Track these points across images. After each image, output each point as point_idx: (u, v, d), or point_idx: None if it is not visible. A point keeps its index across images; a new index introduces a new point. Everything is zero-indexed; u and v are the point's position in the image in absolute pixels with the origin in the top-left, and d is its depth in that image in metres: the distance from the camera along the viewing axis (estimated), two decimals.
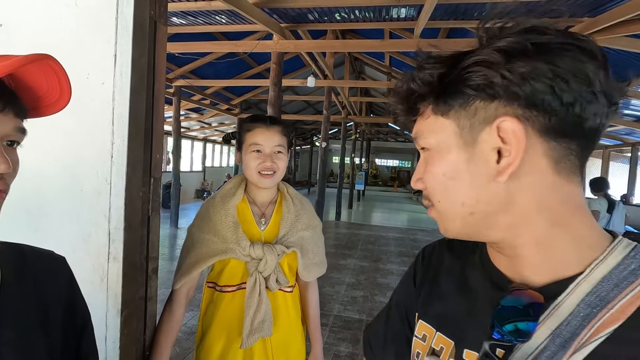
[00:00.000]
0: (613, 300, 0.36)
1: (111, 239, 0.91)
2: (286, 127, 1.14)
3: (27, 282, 0.55)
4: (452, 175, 0.42)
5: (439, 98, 0.42)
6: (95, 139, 0.90)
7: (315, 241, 1.20)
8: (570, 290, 0.38)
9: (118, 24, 0.90)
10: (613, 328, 0.35)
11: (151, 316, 1.05)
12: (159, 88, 1.01)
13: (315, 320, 1.25)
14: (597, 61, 0.37)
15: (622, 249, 0.38)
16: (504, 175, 0.38)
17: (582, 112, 0.36)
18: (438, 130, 0.43)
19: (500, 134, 0.38)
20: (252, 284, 1.05)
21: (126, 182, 0.91)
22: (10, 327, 0.49)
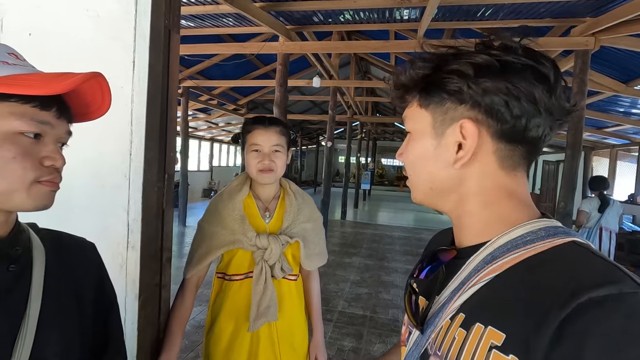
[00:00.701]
0: (499, 258, 0.45)
1: (130, 229, 1.00)
2: (285, 127, 1.21)
3: (65, 264, 0.64)
4: (422, 156, 0.52)
5: (422, 93, 0.51)
6: (116, 139, 0.99)
7: (317, 233, 1.28)
8: (478, 252, 0.48)
9: (136, 33, 0.99)
10: (490, 277, 0.45)
11: (165, 301, 1.13)
12: (172, 91, 1.09)
13: (316, 308, 1.33)
14: (548, 84, 0.45)
15: (529, 227, 0.46)
16: (458, 163, 0.48)
17: (527, 124, 0.45)
18: (418, 119, 0.52)
19: (462, 131, 0.47)
20: (259, 272, 1.13)
21: (143, 178, 0.99)
22: (53, 300, 0.58)
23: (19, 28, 1.05)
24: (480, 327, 0.43)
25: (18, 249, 0.56)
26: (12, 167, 0.49)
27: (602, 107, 6.37)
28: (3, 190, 0.50)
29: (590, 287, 0.36)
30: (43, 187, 0.53)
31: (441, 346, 0.48)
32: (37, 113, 0.51)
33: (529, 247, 0.44)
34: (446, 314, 0.48)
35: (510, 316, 0.41)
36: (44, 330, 0.55)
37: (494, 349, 0.40)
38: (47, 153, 0.53)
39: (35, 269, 0.58)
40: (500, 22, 3.63)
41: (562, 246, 0.43)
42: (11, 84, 0.48)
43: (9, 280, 0.54)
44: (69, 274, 0.63)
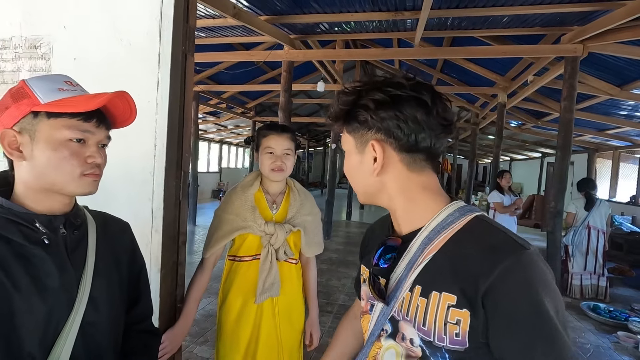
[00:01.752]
0: (434, 239, 0.61)
1: (154, 216, 1.24)
2: (294, 134, 1.45)
3: (108, 235, 0.87)
4: (353, 169, 0.69)
5: (345, 123, 0.68)
6: (143, 143, 1.24)
7: (315, 225, 1.51)
8: (417, 237, 0.63)
9: (160, 59, 1.23)
10: (432, 255, 0.60)
11: (180, 276, 1.37)
12: (188, 104, 1.34)
13: (313, 291, 1.56)
14: (426, 108, 0.61)
15: (447, 211, 0.62)
16: (375, 172, 0.65)
17: (416, 138, 0.61)
18: (346, 141, 0.69)
19: (373, 149, 0.63)
20: (265, 254, 1.36)
21: (165, 174, 1.23)
22: (101, 259, 0.80)
23: (66, 53, 1.31)
24: (436, 294, 0.57)
25: (79, 220, 0.78)
26: (65, 165, 0.68)
27: (603, 109, 6.48)
28: (61, 181, 0.69)
29: (501, 260, 0.53)
30: (88, 178, 0.71)
31: (408, 312, 0.61)
32: (81, 124, 0.69)
33: (452, 227, 0.60)
34: (404, 288, 0.61)
35: (455, 282, 0.56)
36: (96, 278, 0.77)
37: (451, 307, 0.55)
38: (90, 153, 0.71)
39: (90, 236, 0.80)
40: (495, 30, 3.82)
41: (470, 222, 0.60)
42: (62, 105, 0.67)
43: (74, 241, 0.76)
44: (111, 242, 0.86)
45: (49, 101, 0.67)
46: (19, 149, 0.68)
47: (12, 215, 0.67)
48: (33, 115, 0.67)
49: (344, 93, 0.66)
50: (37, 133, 0.67)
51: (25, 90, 0.68)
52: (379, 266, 0.66)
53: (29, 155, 0.68)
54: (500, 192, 4.77)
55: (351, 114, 0.65)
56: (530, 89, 5.41)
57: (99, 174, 0.75)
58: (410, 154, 0.63)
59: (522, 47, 3.91)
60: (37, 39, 1.33)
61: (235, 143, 15.97)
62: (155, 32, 1.23)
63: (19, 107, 0.67)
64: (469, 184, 9.46)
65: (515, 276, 0.52)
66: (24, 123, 0.68)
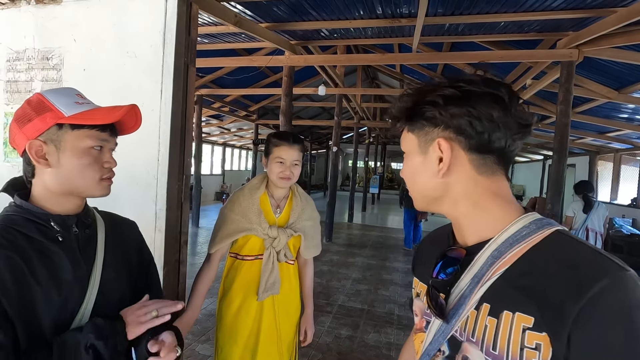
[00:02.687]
0: (506, 253, 0.54)
1: (157, 216, 1.33)
2: (303, 144, 1.53)
3: (117, 234, 0.95)
4: (414, 171, 0.63)
5: (408, 121, 0.62)
6: (147, 149, 1.32)
7: (315, 229, 1.60)
8: (484, 249, 0.56)
9: (163, 70, 1.32)
10: (503, 270, 0.53)
11: (182, 274, 1.46)
12: (189, 112, 1.42)
13: (309, 290, 1.65)
14: (504, 104, 0.55)
15: (522, 222, 0.56)
16: (440, 173, 0.59)
17: (489, 137, 0.55)
18: (408, 141, 0.63)
19: (439, 148, 0.58)
20: (268, 256, 1.45)
21: (168, 178, 1.32)
22: (110, 254, 0.88)
23: (76, 65, 1.40)
24: (509, 314, 0.50)
25: (89, 219, 0.87)
26: (89, 170, 0.77)
27: (603, 112, 6.50)
28: (84, 185, 0.79)
29: (593, 282, 0.45)
30: (105, 182, 0.81)
31: (473, 333, 0.54)
32: (99, 134, 0.78)
33: (527, 240, 0.53)
34: (469, 305, 0.55)
35: (532, 303, 0.49)
36: (106, 272, 0.85)
37: (527, 330, 0.48)
38: (107, 159, 0.81)
39: (99, 234, 0.89)
40: (493, 35, 3.89)
41: (551, 236, 0.53)
42: (84, 118, 0.76)
43: (85, 238, 0.84)
44: (119, 239, 0.94)
45: (72, 114, 0.75)
46: (45, 157, 0.76)
47: (30, 215, 0.75)
48: (58, 127, 0.75)
49: (408, 94, 0.62)
50: (62, 143, 0.76)
51: (46, 104, 0.76)
52: (439, 279, 0.60)
53: (54, 163, 0.76)
54: None
55: (416, 111, 0.60)
56: (528, 93, 5.46)
57: (112, 177, 0.84)
58: (482, 154, 0.57)
59: (520, 51, 3.97)
60: (49, 51, 1.43)
61: (239, 146, 16.07)
62: (159, 45, 1.32)
63: (44, 119, 0.75)
64: None
65: (612, 302, 0.45)
66: (50, 134, 0.76)
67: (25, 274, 0.70)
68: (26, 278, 0.70)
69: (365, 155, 14.21)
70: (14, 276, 0.68)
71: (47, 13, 1.41)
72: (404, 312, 3.83)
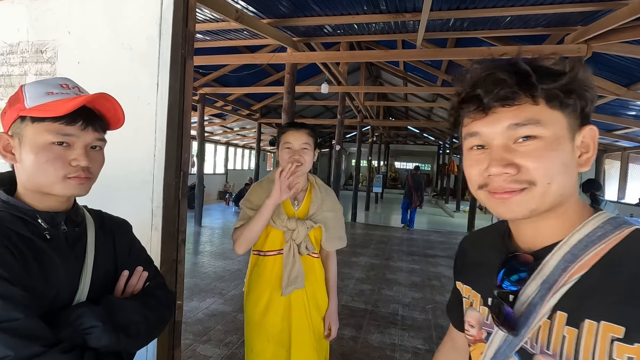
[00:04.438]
0: (582, 256, 0.48)
1: (153, 214, 1.28)
2: (312, 130, 1.49)
3: (107, 233, 0.90)
4: (566, 162, 0.49)
5: (561, 95, 0.48)
6: (143, 144, 1.28)
7: (337, 221, 1.55)
8: (553, 252, 0.51)
9: (160, 62, 1.27)
10: (579, 275, 0.48)
11: (180, 274, 1.41)
12: (187, 106, 1.38)
13: (332, 284, 1.59)
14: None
15: (595, 222, 0.50)
16: (584, 167, 0.50)
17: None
18: (554, 122, 0.48)
19: (583, 138, 0.50)
20: (288, 248, 1.41)
21: (164, 174, 1.27)
22: (100, 253, 0.84)
23: (70, 58, 1.36)
24: (592, 323, 0.45)
25: (79, 217, 0.82)
26: (47, 168, 0.69)
27: (611, 110, 6.40)
28: (45, 183, 0.71)
29: None
30: (72, 181, 0.71)
31: (549, 345, 0.49)
32: (62, 128, 0.69)
33: (605, 242, 0.48)
34: (541, 314, 0.49)
35: (621, 310, 0.43)
36: (96, 270, 0.80)
37: (616, 342, 0.42)
38: (75, 156, 0.71)
39: (89, 233, 0.84)
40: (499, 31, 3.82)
41: (633, 235, 0.48)
42: (43, 109, 0.68)
43: (75, 237, 0.80)
44: (110, 239, 0.90)
45: (33, 105, 0.69)
46: (12, 151, 0.71)
47: (17, 211, 0.71)
48: (21, 119, 0.70)
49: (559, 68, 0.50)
50: (23, 137, 0.70)
51: (19, 94, 0.71)
52: (504, 289, 0.54)
53: (19, 158, 0.71)
54: None
55: (576, 89, 0.49)
56: None
57: (86, 177, 0.75)
58: None
59: (526, 47, 3.89)
60: (43, 44, 1.39)
61: (242, 145, 16.07)
62: (155, 37, 1.27)
63: (12, 111, 0.71)
64: None
65: None
66: (15, 127, 0.71)
67: (14, 266, 0.66)
68: (16, 270, 0.66)
69: (368, 154, 14.15)
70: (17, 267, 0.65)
71: (41, 5, 1.37)
72: (408, 313, 3.77)
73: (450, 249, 7.09)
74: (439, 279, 5.04)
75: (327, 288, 1.59)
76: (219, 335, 3.07)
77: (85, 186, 0.76)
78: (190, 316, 3.40)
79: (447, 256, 6.43)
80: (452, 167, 15.96)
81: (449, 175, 16.16)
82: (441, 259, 6.19)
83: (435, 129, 16.03)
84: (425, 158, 24.54)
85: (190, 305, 3.64)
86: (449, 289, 4.78)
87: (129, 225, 1.00)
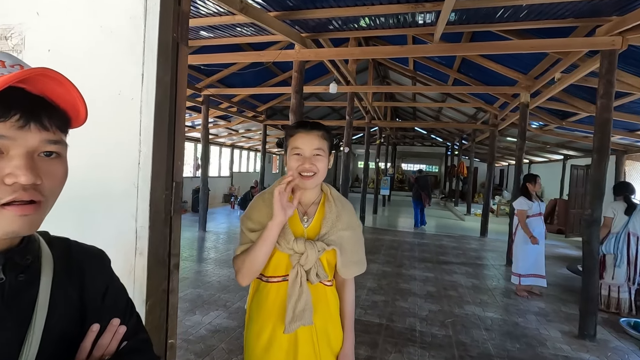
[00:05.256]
0: None
1: (138, 236, 1.03)
2: (327, 131, 1.22)
3: (73, 277, 0.65)
4: None
5: None
6: (125, 148, 1.03)
7: (355, 241, 1.26)
8: None
9: (145, 47, 1.03)
10: None
11: (173, 306, 1.16)
12: (180, 102, 1.13)
13: (349, 318, 1.31)
14: None
15: None
16: None
17: None
18: None
19: None
20: (294, 276, 1.14)
21: (151, 186, 1.02)
22: (59, 309, 0.59)
23: (39, 44, 1.12)
24: None
25: (28, 258, 0.57)
26: None
27: (634, 108, 6.06)
28: None
29: None
30: (6, 212, 0.48)
31: None
32: None
33: None
34: None
35: None
36: (49, 332, 0.56)
37: None
38: (10, 169, 0.47)
39: (43, 277, 0.59)
40: (520, 23, 3.54)
41: None
42: None
43: (19, 288, 0.55)
44: (75, 281, 0.65)
45: None
46: None
47: None
48: None
49: None
50: None
51: None
52: None
53: None
54: (528, 198, 4.45)
55: None
56: (557, 88, 5.06)
57: (32, 202, 0.50)
58: None
59: (553, 40, 3.60)
60: (8, 28, 1.15)
61: (247, 147, 15.88)
62: (139, 16, 1.03)
63: None
64: (487, 187, 9.05)
65: None
66: None
67: None
68: None
69: (376, 156, 13.89)
70: None
71: None
72: (426, 328, 3.49)
73: (464, 255, 6.79)
74: (455, 288, 4.75)
75: (342, 322, 1.30)
76: (223, 355, 2.82)
77: (31, 218, 0.50)
78: (192, 332, 3.16)
79: (461, 263, 6.13)
80: (461, 168, 15.61)
81: (458, 177, 15.82)
82: (455, 266, 5.89)
83: (444, 130, 15.70)
84: (433, 160, 24.17)
85: (193, 320, 3.40)
86: (467, 301, 4.52)
87: (105, 258, 0.73)
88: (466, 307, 4.11)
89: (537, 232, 4.42)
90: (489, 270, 5.83)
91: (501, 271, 5.76)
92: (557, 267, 6.05)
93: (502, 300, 4.43)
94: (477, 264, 6.16)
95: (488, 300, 4.39)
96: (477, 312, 3.97)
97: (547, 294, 4.66)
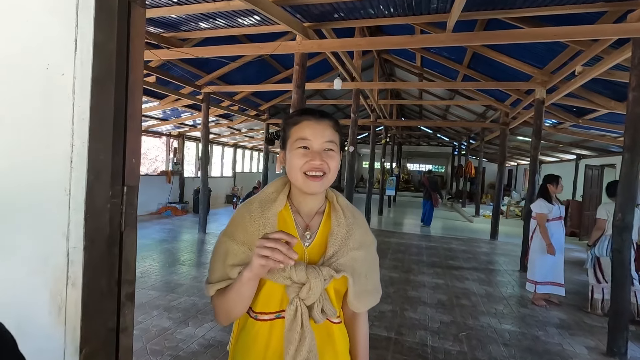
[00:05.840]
0: None
1: (70, 260, 0.76)
2: (337, 122, 0.94)
3: None
4: None
5: None
6: (52, 142, 0.75)
7: (370, 264, 0.97)
8: None
9: (79, 2, 0.75)
10: None
11: (125, 350, 0.88)
12: (134, 79, 0.85)
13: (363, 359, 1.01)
14: None
15: None
16: None
17: None
18: None
19: None
20: (293, 314, 0.84)
21: (86, 192, 0.75)
22: None
23: None
24: None
25: None
26: None
27: None
28: None
29: None
30: None
31: None
32: None
33: None
34: None
35: None
36: None
37: None
38: None
39: None
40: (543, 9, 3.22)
41: None
42: None
43: None
44: None
45: None
46: None
47: None
48: None
49: None
50: None
51: None
52: None
53: None
54: (548, 200, 4.13)
55: None
56: (576, 83, 4.73)
57: None
58: None
59: (580, 27, 3.26)
60: None
61: (250, 147, 15.66)
62: None
63: None
64: (498, 188, 8.71)
65: None
66: None
67: None
68: None
69: (381, 155, 13.59)
70: None
71: None
72: (439, 343, 3.19)
73: (475, 259, 6.47)
74: (468, 297, 4.44)
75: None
76: None
77: None
78: (182, 347, 2.89)
79: (472, 268, 5.82)
80: (469, 168, 15.22)
81: (465, 177, 15.42)
82: (466, 272, 5.58)
83: (451, 129, 15.33)
84: (439, 160, 23.77)
85: (184, 333, 3.13)
86: (481, 311, 4.20)
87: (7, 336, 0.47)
88: (481, 318, 3.81)
89: (557, 237, 4.10)
90: (502, 276, 5.51)
91: (515, 277, 5.44)
92: (574, 273, 5.71)
93: (518, 310, 4.11)
94: (489, 269, 5.83)
95: (504, 310, 4.08)
96: (492, 323, 3.66)
97: (567, 303, 4.34)
